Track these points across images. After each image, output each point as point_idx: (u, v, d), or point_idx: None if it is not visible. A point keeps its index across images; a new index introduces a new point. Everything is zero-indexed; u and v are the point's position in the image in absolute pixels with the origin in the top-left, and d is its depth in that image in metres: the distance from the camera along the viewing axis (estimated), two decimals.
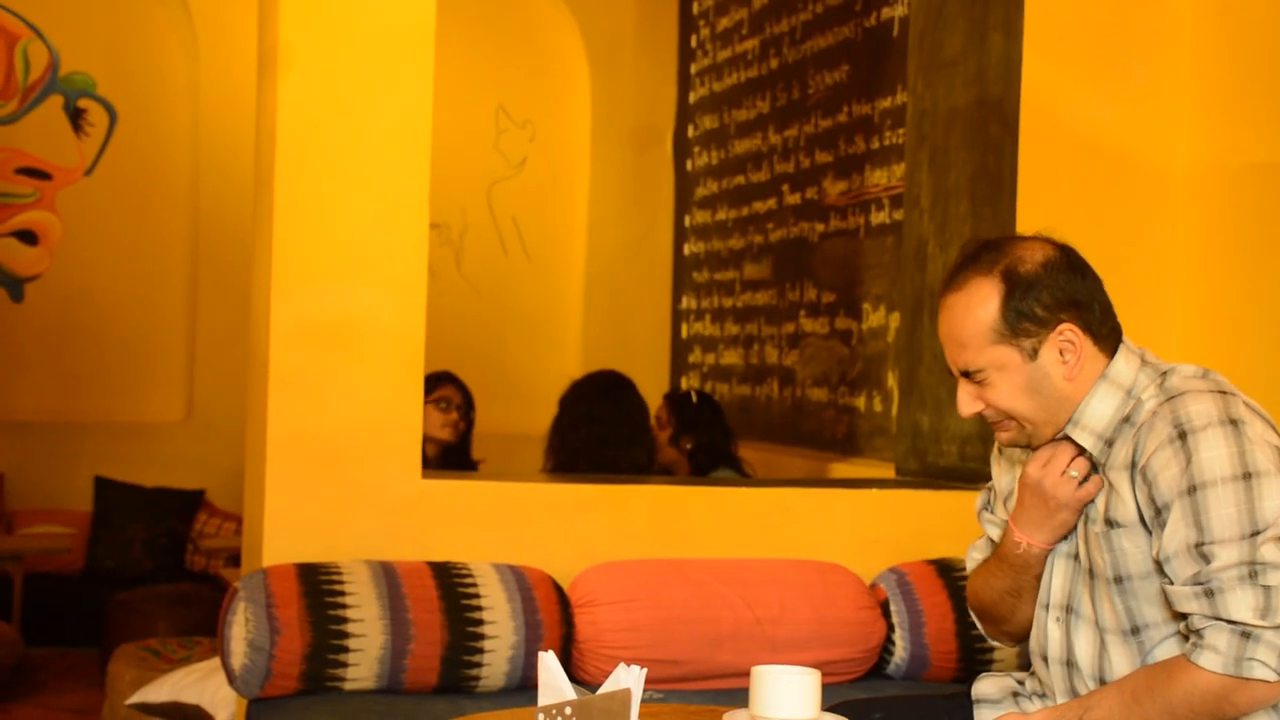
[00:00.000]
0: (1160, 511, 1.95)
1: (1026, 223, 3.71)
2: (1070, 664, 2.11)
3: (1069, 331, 2.02)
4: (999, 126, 3.79)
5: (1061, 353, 2.03)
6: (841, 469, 5.00)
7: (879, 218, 4.97)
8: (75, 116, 6.59)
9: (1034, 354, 2.02)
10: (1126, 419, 2.02)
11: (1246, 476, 1.90)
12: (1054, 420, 2.06)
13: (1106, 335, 2.06)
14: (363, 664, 2.89)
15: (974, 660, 3.24)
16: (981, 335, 2.03)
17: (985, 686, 2.25)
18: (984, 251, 2.07)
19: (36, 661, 5.56)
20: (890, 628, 3.27)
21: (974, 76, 3.88)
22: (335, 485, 3.17)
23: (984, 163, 3.84)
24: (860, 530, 3.55)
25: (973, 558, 2.31)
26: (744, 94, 6.22)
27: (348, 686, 2.89)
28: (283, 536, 3.12)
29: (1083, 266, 2.06)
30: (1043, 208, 3.72)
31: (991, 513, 2.30)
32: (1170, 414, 1.96)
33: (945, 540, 3.52)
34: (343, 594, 2.92)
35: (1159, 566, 1.97)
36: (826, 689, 2.16)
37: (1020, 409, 2.05)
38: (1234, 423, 1.93)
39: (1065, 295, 2.02)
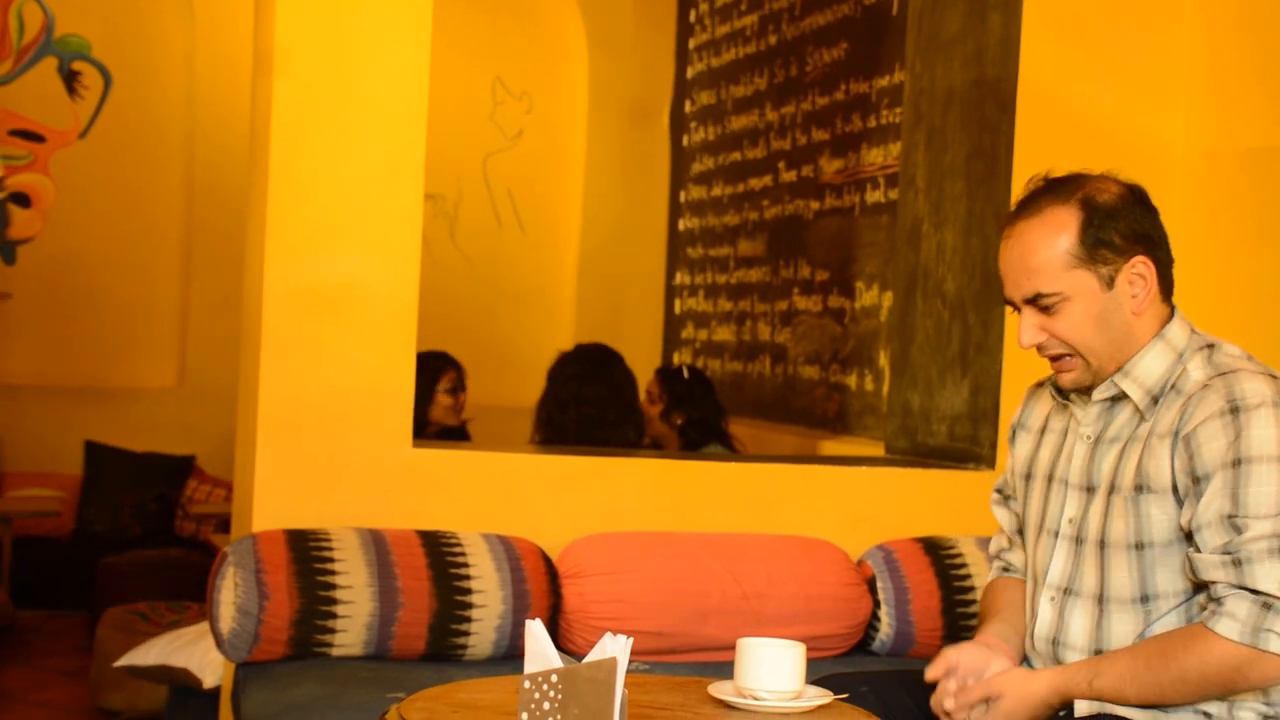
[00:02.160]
0: (1199, 481, 1.97)
1: None
2: (1057, 642, 2.12)
3: (1141, 264, 2.05)
4: (996, 107, 3.79)
5: (1132, 285, 2.05)
6: (832, 447, 5.01)
7: (874, 196, 4.97)
8: (70, 79, 6.56)
9: (1110, 283, 2.05)
10: (1174, 386, 2.04)
11: None
12: (1116, 356, 2.07)
13: (1168, 281, 2.10)
14: (350, 630, 2.90)
15: (959, 637, 3.24)
16: (1059, 260, 2.04)
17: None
18: (1056, 184, 2.09)
19: (25, 624, 5.58)
20: (876, 604, 3.29)
21: (972, 56, 3.88)
22: (326, 452, 3.17)
23: (980, 143, 3.84)
24: (849, 507, 3.57)
25: (998, 543, 2.34)
26: (742, 70, 6.21)
27: (335, 652, 2.90)
28: (272, 502, 3.13)
29: (1152, 205, 2.09)
30: None
31: (1001, 494, 2.32)
32: (1224, 388, 1.99)
33: (933, 519, 3.53)
34: (332, 560, 2.93)
35: (1186, 536, 1.99)
36: (811, 664, 2.17)
37: (1087, 340, 2.06)
38: None
39: (1140, 228, 2.06)
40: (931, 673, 2.12)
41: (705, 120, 6.58)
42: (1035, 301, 2.06)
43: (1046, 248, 2.04)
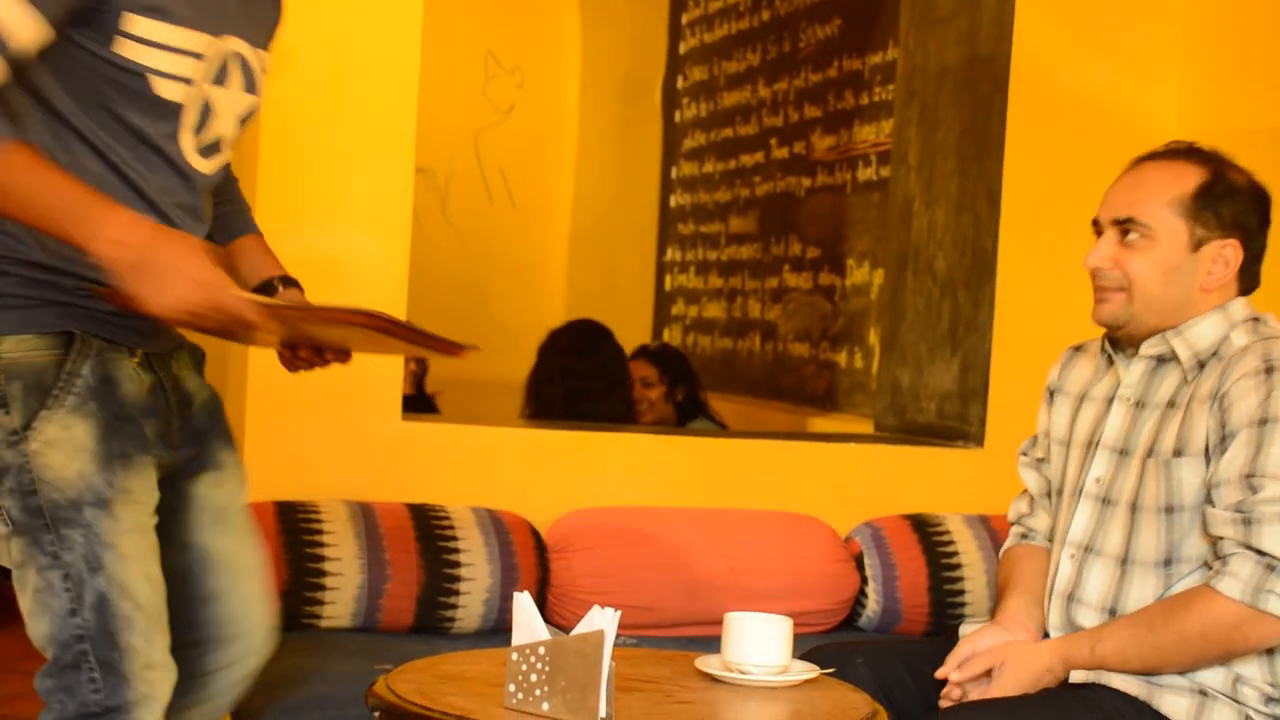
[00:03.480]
0: (1226, 438, 1.99)
1: (1013, 182, 3.72)
2: (1073, 598, 2.13)
3: (1231, 249, 2.08)
4: (989, 84, 3.78)
5: (1214, 261, 2.08)
6: (821, 424, 5.02)
7: (866, 174, 4.97)
8: None
9: (1197, 246, 2.07)
10: (1216, 353, 2.07)
11: None
12: (1163, 315, 2.09)
13: (1248, 277, 2.12)
14: (339, 603, 2.90)
15: (945, 614, 3.27)
16: (1168, 199, 2.08)
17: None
18: (1197, 150, 2.14)
19: (13, 594, 5.58)
20: (863, 581, 3.30)
21: (966, 34, 3.87)
22: (315, 425, 3.17)
23: (973, 121, 3.84)
24: (837, 484, 3.57)
25: (1018, 508, 2.35)
26: (734, 46, 6.19)
27: (323, 624, 2.90)
28: (262, 475, 3.11)
29: (1269, 214, 2.13)
30: (1030, 167, 3.72)
31: (1029, 457, 2.34)
32: (1262, 349, 2.02)
33: (921, 496, 3.54)
34: (320, 533, 2.93)
35: (1208, 493, 2.00)
36: (799, 639, 2.18)
37: (1149, 284, 2.08)
38: None
39: (1248, 220, 2.09)
40: (945, 670, 2.13)
41: (697, 96, 6.56)
42: (1123, 225, 2.09)
43: (1161, 185, 2.08)
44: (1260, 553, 1.92)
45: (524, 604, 1.90)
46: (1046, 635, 2.18)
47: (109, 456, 1.91)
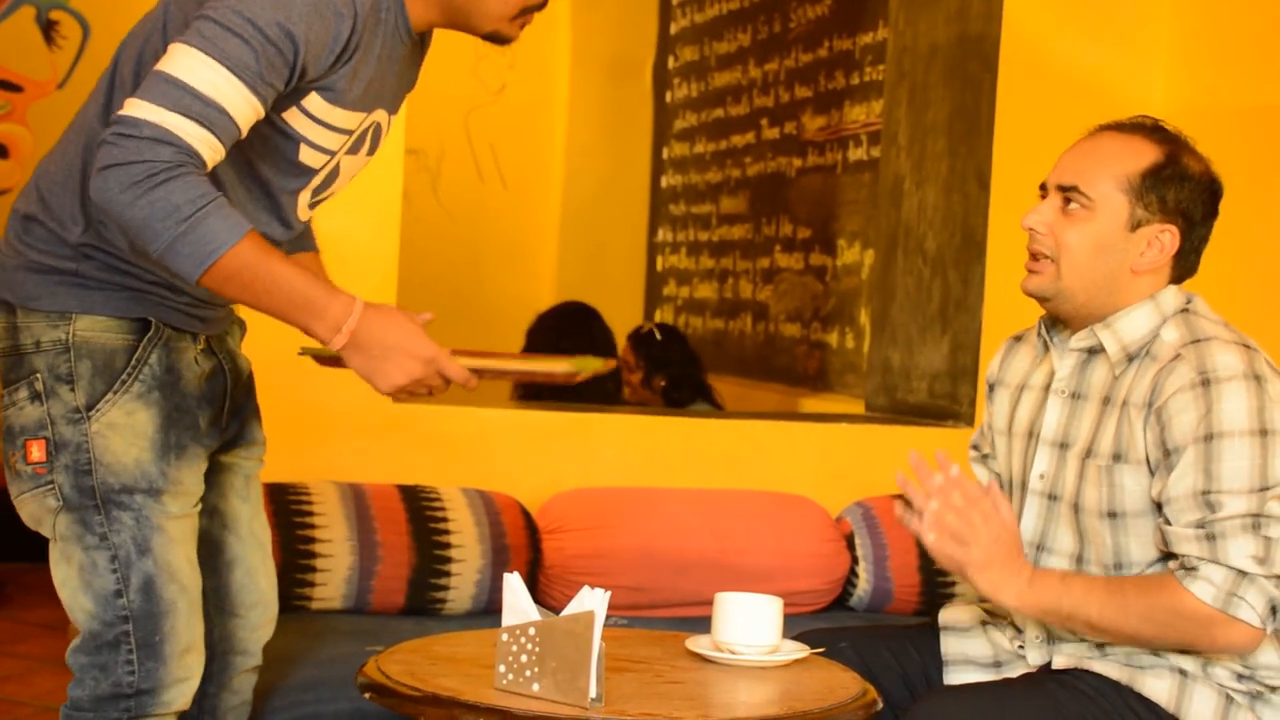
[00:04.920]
0: (1170, 454, 1.95)
1: (1003, 162, 3.72)
2: None
3: (1169, 235, 2.05)
4: (979, 64, 3.78)
5: (1149, 245, 2.05)
6: (812, 404, 5.02)
7: (856, 154, 4.96)
8: (47, 28, 6.49)
9: (1134, 226, 2.04)
10: (1149, 351, 2.03)
11: (1263, 433, 1.93)
12: (1090, 292, 2.05)
13: (1182, 268, 2.09)
14: (330, 584, 2.91)
15: (936, 594, 3.28)
16: (1114, 174, 2.04)
17: (953, 614, 2.25)
18: (1161, 129, 2.11)
19: (4, 576, 5.58)
20: (855, 560, 3.31)
21: (955, 13, 3.86)
22: (306, 407, 3.16)
23: (963, 100, 3.83)
24: (828, 464, 3.58)
25: None
26: (725, 26, 6.18)
27: (314, 606, 2.91)
28: None
29: (1217, 208, 2.10)
30: (1020, 146, 3.72)
31: (978, 451, 2.31)
32: (1195, 359, 1.97)
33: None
34: (311, 514, 2.93)
35: (1157, 507, 1.98)
36: (790, 619, 2.18)
37: (1078, 255, 2.04)
38: (1258, 379, 1.95)
39: (1192, 209, 2.06)
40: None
41: (688, 76, 6.55)
42: (1066, 192, 2.06)
43: (1112, 158, 2.05)
44: (1229, 567, 1.91)
45: (514, 585, 1.90)
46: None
47: (166, 447, 1.95)
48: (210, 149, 1.76)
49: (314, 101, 1.89)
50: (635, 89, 6.93)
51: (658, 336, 4.56)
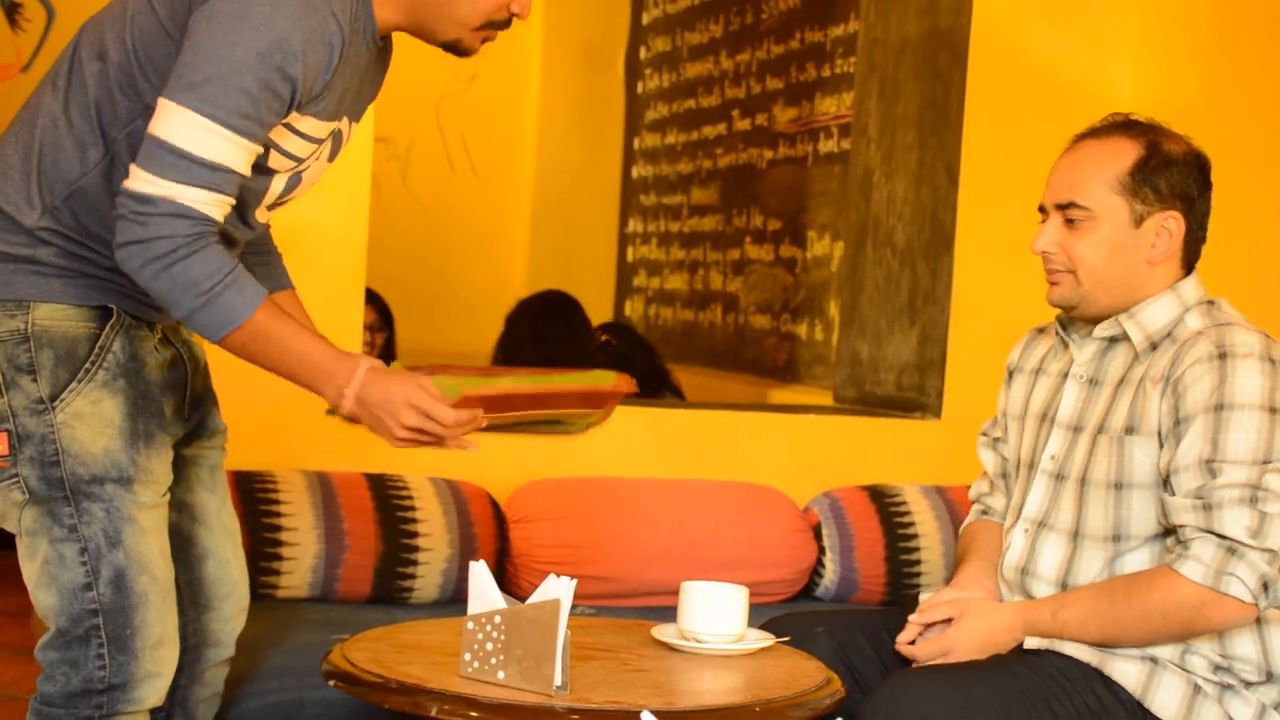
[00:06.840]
0: (1180, 423, 2.00)
1: (972, 155, 3.73)
2: (1026, 571, 2.15)
3: (1173, 220, 2.10)
4: (949, 57, 3.79)
5: (1157, 235, 2.10)
6: (781, 395, 5.04)
7: (827, 146, 4.97)
8: (11, 11, 6.44)
9: (1139, 222, 2.09)
10: (1170, 335, 2.09)
11: (1273, 410, 1.98)
12: (1113, 293, 2.11)
13: (1193, 249, 2.14)
14: (296, 572, 2.90)
15: (902, 584, 3.29)
16: (1104, 179, 2.09)
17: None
18: (1133, 123, 2.15)
19: None
20: (821, 551, 3.32)
21: (926, 7, 3.88)
22: (273, 394, 3.13)
23: (933, 93, 3.84)
24: (796, 455, 3.59)
25: (979, 487, 2.37)
26: (697, 17, 6.18)
27: (280, 594, 2.90)
28: None
29: (1209, 179, 2.14)
30: (989, 139, 3.74)
31: (988, 437, 2.34)
32: (1215, 336, 2.03)
33: (879, 467, 3.56)
34: (278, 502, 2.92)
35: (1164, 480, 2.03)
36: (756, 609, 2.19)
37: (1095, 264, 2.10)
38: (1273, 362, 2.01)
39: (1188, 189, 2.11)
40: (906, 635, 2.15)
41: (660, 67, 6.54)
42: (1065, 210, 2.11)
43: (1098, 165, 2.10)
44: (1221, 536, 1.94)
45: (479, 573, 1.91)
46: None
47: (134, 435, 1.94)
48: (222, 207, 1.84)
49: (297, 118, 1.90)
50: (607, 79, 6.92)
51: (614, 343, 4.51)
